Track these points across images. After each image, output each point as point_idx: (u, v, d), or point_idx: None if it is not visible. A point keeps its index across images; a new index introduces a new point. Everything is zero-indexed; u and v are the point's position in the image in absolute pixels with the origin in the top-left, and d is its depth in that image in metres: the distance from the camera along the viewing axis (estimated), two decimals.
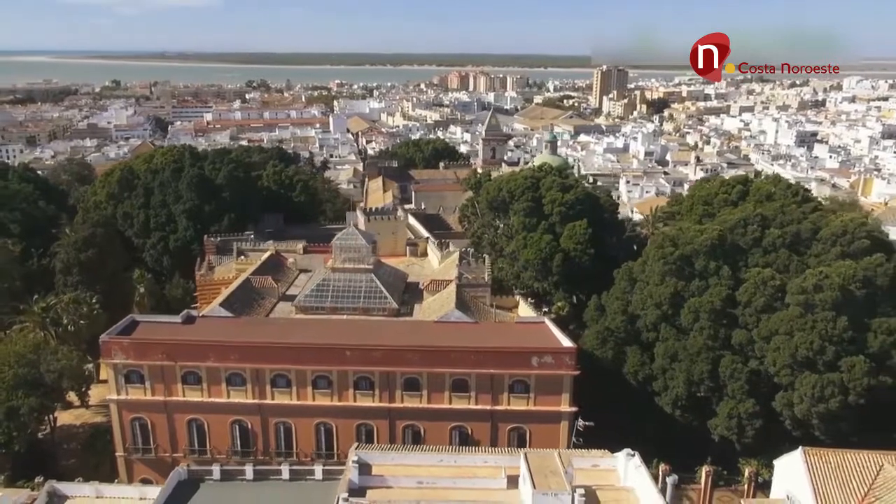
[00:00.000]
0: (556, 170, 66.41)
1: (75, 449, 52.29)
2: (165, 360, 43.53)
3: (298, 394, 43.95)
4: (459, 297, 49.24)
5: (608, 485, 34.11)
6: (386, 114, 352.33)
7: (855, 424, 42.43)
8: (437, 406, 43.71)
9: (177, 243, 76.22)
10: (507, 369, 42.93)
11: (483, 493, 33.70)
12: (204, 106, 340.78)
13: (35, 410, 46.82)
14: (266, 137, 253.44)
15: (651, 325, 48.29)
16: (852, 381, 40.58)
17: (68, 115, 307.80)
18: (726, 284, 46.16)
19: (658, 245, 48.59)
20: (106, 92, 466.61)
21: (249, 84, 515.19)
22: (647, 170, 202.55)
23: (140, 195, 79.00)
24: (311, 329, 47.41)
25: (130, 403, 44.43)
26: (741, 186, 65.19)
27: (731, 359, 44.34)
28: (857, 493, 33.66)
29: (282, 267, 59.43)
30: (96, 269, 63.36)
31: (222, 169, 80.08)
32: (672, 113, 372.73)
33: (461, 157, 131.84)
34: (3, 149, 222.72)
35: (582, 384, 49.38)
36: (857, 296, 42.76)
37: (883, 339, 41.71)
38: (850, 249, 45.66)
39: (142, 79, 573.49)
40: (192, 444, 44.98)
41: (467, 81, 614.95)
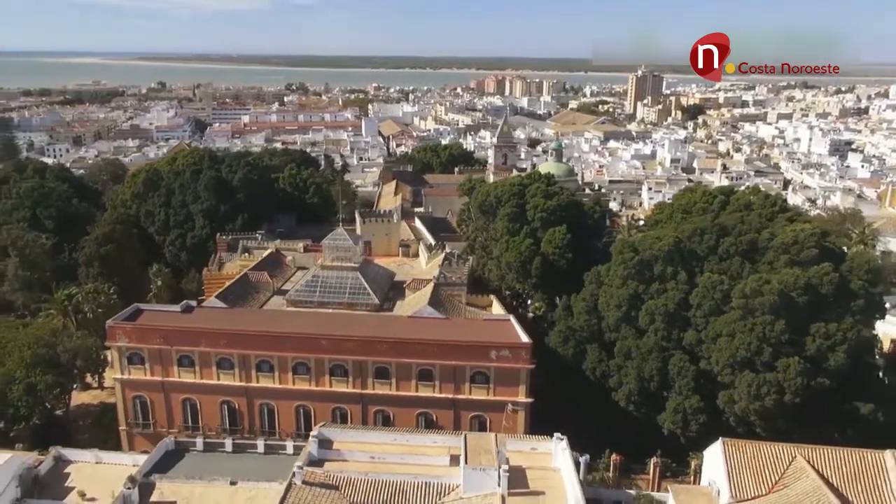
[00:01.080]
0: (544, 177, 69.79)
1: (88, 425, 57.78)
2: (163, 345, 48.65)
3: (280, 378, 48.58)
4: (435, 295, 53.33)
5: (540, 465, 37.75)
6: (419, 117, 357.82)
7: (794, 421, 45.15)
8: (405, 393, 47.91)
9: (193, 240, 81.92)
10: (467, 361, 46.90)
11: (427, 468, 37.67)
12: (242, 108, 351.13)
13: (51, 387, 52.33)
14: (300, 140, 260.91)
15: (612, 326, 51.62)
16: (787, 381, 43.44)
17: (113, 115, 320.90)
18: (681, 289, 49.29)
19: (619, 251, 51.92)
20: (151, 93, 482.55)
21: (288, 87, 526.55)
22: (671, 177, 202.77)
23: (162, 195, 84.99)
24: (296, 320, 52.08)
25: (132, 382, 49.64)
26: (722, 197, 67.92)
27: (680, 357, 47.49)
28: (769, 480, 36.67)
29: (280, 264, 64.31)
30: (115, 262, 69.27)
31: (238, 171, 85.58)
32: (706, 119, 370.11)
33: (476, 162, 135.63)
34: (51, 148, 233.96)
35: (548, 379, 53.24)
36: (797, 301, 45.48)
37: (820, 343, 44.43)
38: (799, 258, 48.27)
39: (187, 80, 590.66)
40: (186, 420, 49.95)
41: (503, 85, 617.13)
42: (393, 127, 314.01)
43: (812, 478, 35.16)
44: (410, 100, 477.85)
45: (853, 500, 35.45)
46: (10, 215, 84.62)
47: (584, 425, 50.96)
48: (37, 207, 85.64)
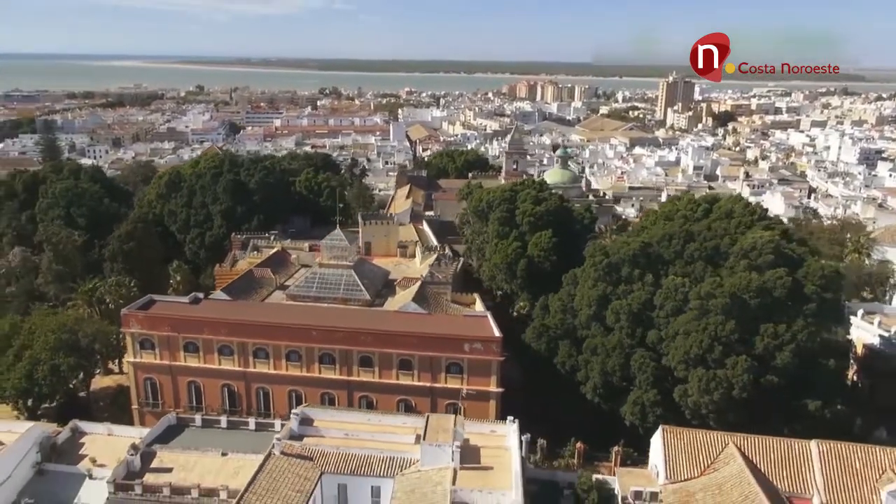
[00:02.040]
0: (536, 184, 73.64)
1: (106, 405, 63.44)
2: (171, 332, 53.90)
3: (275, 365, 53.47)
4: (421, 292, 57.77)
5: (494, 445, 41.78)
6: (447, 122, 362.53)
7: (747, 416, 48.32)
8: (387, 381, 52.40)
9: (212, 239, 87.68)
10: (443, 352, 51.18)
11: (394, 445, 42.05)
12: (275, 112, 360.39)
13: (73, 369, 58.14)
14: (329, 143, 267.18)
15: (584, 324, 55.36)
16: (735, 377, 46.80)
17: (151, 118, 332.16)
18: (646, 290, 52.84)
19: (591, 254, 55.66)
20: (190, 97, 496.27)
21: (322, 91, 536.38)
22: (691, 184, 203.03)
23: (184, 196, 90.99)
24: (291, 313, 56.90)
25: (143, 366, 55.01)
26: (706, 205, 70.89)
27: (641, 354, 51.05)
28: (703, 464, 40.23)
29: (285, 262, 69.31)
30: (136, 258, 75.23)
31: (255, 175, 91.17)
32: (735, 126, 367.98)
33: (491, 168, 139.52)
34: (91, 149, 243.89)
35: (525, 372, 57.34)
36: (750, 303, 48.77)
37: (768, 343, 47.68)
38: (757, 263, 51.42)
39: (225, 84, 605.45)
40: (191, 401, 55.09)
41: (535, 91, 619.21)
42: (421, 131, 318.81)
43: (738, 462, 38.63)
44: (441, 104, 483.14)
45: (779, 484, 38.87)
46: (46, 213, 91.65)
47: (556, 416, 55.16)
48: (70, 206, 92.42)
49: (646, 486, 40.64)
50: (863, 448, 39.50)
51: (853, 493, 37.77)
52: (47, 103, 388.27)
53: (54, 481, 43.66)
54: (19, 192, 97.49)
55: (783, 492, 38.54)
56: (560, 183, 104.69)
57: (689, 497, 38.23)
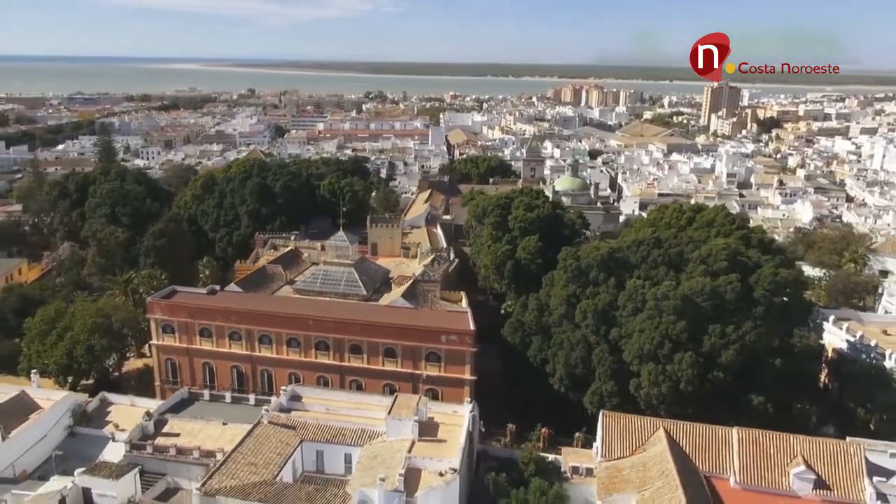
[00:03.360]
0: (530, 193, 78.97)
1: (135, 384, 71.33)
2: (188, 318, 61.33)
3: (277, 350, 60.37)
4: (411, 289, 64.00)
5: (452, 423, 47.52)
6: (487, 127, 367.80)
7: (698, 407, 52.89)
8: (374, 367, 58.75)
9: (239, 237, 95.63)
10: (423, 343, 57.22)
11: (368, 420, 48.21)
12: (319, 116, 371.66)
13: (106, 350, 66.14)
14: (369, 147, 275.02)
15: (556, 321, 60.66)
16: (681, 372, 51.59)
17: (202, 121, 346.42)
18: (611, 292, 57.90)
19: (563, 258, 60.89)
20: (241, 100, 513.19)
21: (367, 95, 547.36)
22: (722, 192, 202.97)
23: (216, 197, 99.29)
24: (293, 304, 63.75)
25: (165, 348, 62.60)
26: (691, 213, 75.62)
27: (601, 349, 56.17)
28: (635, 445, 45.31)
29: (297, 259, 76.32)
30: (167, 254, 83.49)
31: (280, 180, 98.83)
32: (779, 133, 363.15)
33: (513, 174, 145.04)
34: (144, 151, 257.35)
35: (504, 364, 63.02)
36: (701, 305, 53.42)
37: (714, 341, 52.31)
38: (713, 268, 56.02)
39: (276, 87, 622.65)
40: (205, 380, 62.36)
41: (580, 95, 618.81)
42: (460, 136, 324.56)
43: (662, 444, 43.65)
44: (484, 108, 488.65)
45: (701, 464, 43.78)
46: (94, 212, 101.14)
47: (529, 403, 60.72)
48: (116, 206, 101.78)
49: (584, 462, 46.07)
50: (778, 436, 43.97)
51: (765, 474, 42.40)
52: (107, 105, 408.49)
53: (83, 442, 51.16)
54: (72, 192, 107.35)
55: (705, 471, 43.45)
56: (569, 190, 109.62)
57: (618, 473, 43.44)
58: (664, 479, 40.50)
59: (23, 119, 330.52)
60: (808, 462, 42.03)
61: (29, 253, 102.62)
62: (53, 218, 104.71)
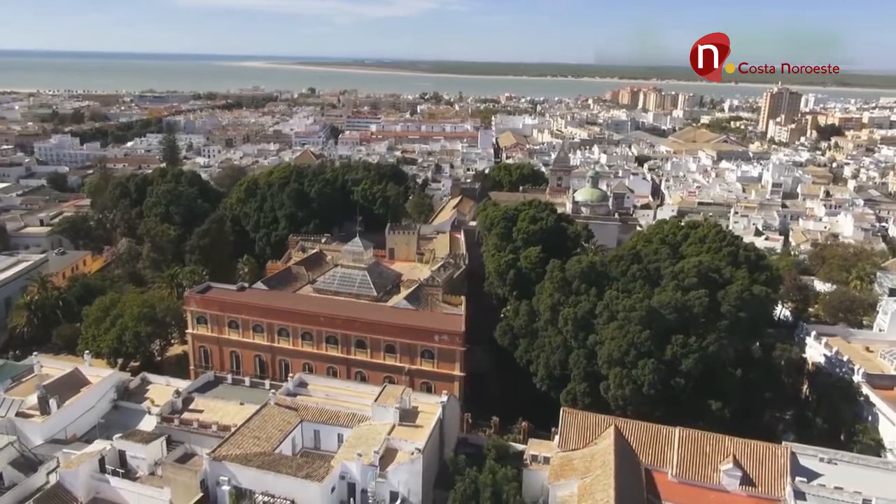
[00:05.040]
0: (537, 206, 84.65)
1: (174, 367, 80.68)
2: (219, 311, 70.01)
3: (293, 342, 68.43)
4: (415, 292, 71.15)
5: (431, 412, 54.49)
6: (537, 130, 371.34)
7: (665, 410, 58.20)
8: (376, 361, 66.17)
9: (276, 238, 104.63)
10: (419, 341, 64.28)
11: (361, 406, 55.48)
12: (373, 117, 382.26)
13: (150, 336, 75.57)
14: (418, 149, 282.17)
15: (542, 326, 66.83)
16: (643, 377, 57.13)
17: (262, 120, 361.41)
18: (591, 301, 63.70)
19: (550, 269, 66.90)
20: (301, 99, 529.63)
21: (423, 96, 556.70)
22: (764, 202, 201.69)
23: (257, 201, 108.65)
24: (310, 302, 71.70)
25: (198, 336, 71.49)
26: (686, 230, 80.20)
27: (578, 353, 62.07)
28: (587, 439, 51.30)
29: (321, 261, 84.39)
30: (210, 252, 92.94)
31: (315, 186, 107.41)
32: (838, 141, 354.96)
33: (544, 181, 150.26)
34: (206, 149, 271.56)
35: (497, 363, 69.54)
36: (667, 317, 58.73)
37: (676, 350, 57.64)
38: (684, 284, 61.22)
39: (338, 85, 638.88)
40: (232, 367, 70.95)
41: (637, 98, 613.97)
42: (510, 139, 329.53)
43: (610, 440, 49.56)
44: (538, 110, 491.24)
45: (645, 458, 49.52)
46: (150, 210, 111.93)
47: (515, 399, 67.11)
48: (170, 206, 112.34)
49: (543, 452, 52.34)
50: (714, 437, 49.37)
51: (700, 470, 47.96)
52: (174, 104, 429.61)
53: (124, 414, 60.09)
54: (132, 191, 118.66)
55: (648, 465, 49.17)
56: (589, 200, 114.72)
57: (569, 462, 49.62)
58: (603, 469, 46.52)
59: (97, 116, 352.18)
60: (737, 461, 47.37)
61: (93, 246, 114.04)
62: (115, 215, 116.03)
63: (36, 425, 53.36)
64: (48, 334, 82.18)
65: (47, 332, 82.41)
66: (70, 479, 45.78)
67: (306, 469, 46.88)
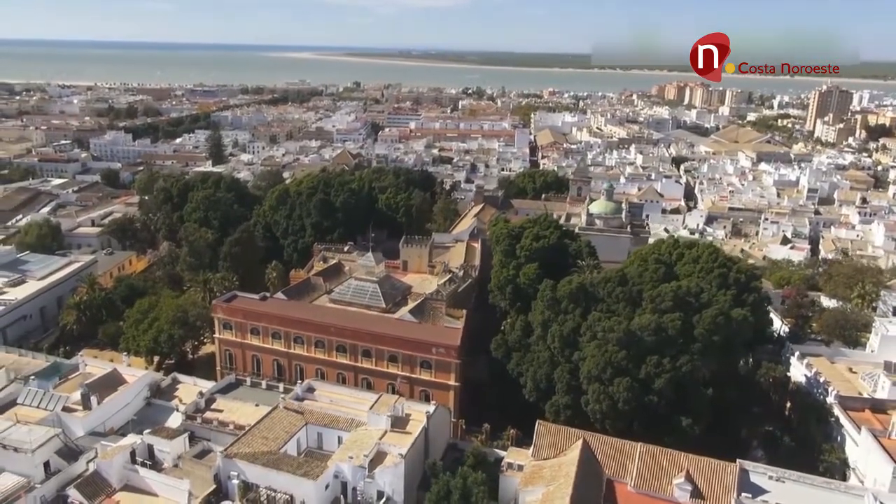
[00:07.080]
0: (542, 223, 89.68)
1: (204, 368, 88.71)
2: (242, 319, 77.46)
3: (307, 349, 75.40)
4: (419, 305, 77.35)
5: (421, 420, 60.68)
6: (576, 128, 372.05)
7: (635, 423, 63.25)
8: (380, 369, 72.66)
9: (303, 245, 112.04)
10: (417, 352, 70.51)
11: (361, 412, 61.98)
12: (414, 113, 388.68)
13: (182, 338, 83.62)
14: (455, 147, 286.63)
15: (534, 341, 72.30)
16: (618, 394, 62.24)
17: (306, 116, 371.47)
18: (576, 320, 68.90)
19: (542, 289, 72.23)
20: (345, 93, 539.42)
21: (465, 91, 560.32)
22: (796, 208, 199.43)
23: (287, 209, 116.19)
24: (323, 312, 78.53)
25: (224, 341, 79.11)
26: (681, 250, 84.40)
27: (563, 368, 67.38)
28: (558, 450, 56.78)
29: (339, 272, 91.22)
30: (240, 259, 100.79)
31: (340, 196, 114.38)
32: (885, 143, 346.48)
33: (567, 189, 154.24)
34: (251, 145, 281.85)
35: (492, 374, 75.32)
36: (644, 339, 63.60)
37: (650, 370, 62.55)
38: (661, 307, 65.91)
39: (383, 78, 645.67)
40: (253, 369, 78.35)
41: (683, 93, 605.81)
42: (548, 137, 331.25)
43: (576, 452, 54.96)
44: (580, 106, 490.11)
45: (608, 470, 54.79)
46: (190, 215, 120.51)
47: (506, 408, 72.79)
48: (208, 211, 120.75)
49: (518, 460, 58.08)
50: (672, 452, 54.27)
51: (656, 482, 53.01)
52: (223, 98, 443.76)
53: (155, 410, 67.88)
54: (174, 196, 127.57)
55: (610, 476, 54.46)
56: (603, 213, 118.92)
57: (539, 471, 55.28)
58: (565, 479, 52.07)
59: (150, 111, 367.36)
60: (690, 476, 52.32)
61: (138, 247, 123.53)
62: (158, 218, 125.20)
63: (78, 419, 61.34)
64: (95, 331, 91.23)
65: (94, 330, 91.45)
66: (106, 468, 53.65)
67: (304, 468, 53.65)
